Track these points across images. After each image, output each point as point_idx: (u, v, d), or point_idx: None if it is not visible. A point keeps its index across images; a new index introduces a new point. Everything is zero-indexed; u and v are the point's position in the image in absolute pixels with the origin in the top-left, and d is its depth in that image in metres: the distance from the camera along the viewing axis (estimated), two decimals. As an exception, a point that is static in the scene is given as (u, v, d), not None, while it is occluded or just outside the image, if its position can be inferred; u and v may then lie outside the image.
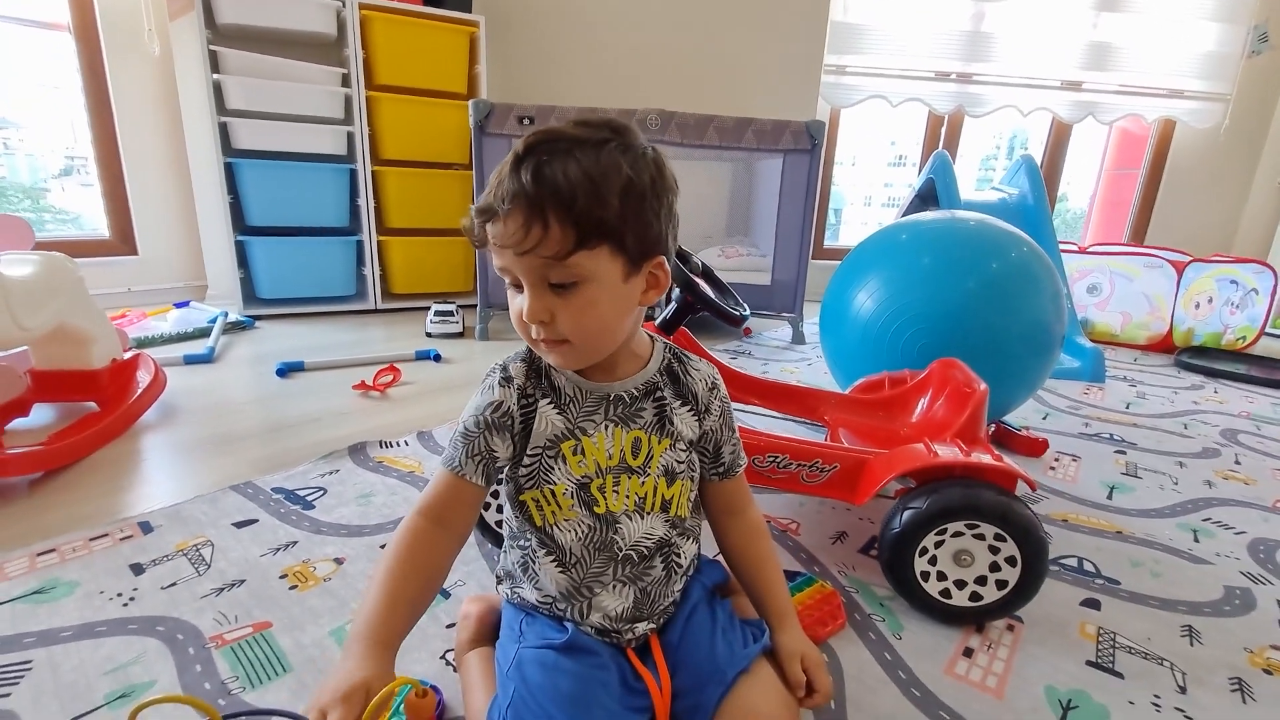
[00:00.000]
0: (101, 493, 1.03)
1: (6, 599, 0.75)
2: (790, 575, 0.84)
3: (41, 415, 1.31)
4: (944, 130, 3.23)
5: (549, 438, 0.57)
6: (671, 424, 0.59)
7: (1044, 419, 1.56)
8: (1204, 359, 2.20)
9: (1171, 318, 2.37)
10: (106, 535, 0.89)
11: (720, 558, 0.70)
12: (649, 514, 0.59)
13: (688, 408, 0.60)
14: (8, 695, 0.61)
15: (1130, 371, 2.11)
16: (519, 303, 0.52)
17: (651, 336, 0.62)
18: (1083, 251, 2.59)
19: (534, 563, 0.59)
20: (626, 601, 0.58)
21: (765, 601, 0.64)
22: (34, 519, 0.94)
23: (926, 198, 2.21)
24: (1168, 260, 2.41)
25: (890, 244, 1.32)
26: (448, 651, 0.69)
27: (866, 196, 4.06)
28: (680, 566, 0.61)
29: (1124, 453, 1.37)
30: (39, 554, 0.84)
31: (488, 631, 0.66)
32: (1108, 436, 1.46)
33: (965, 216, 1.29)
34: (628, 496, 0.58)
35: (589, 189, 0.47)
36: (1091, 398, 1.77)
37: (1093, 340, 2.26)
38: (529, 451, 0.57)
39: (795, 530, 0.97)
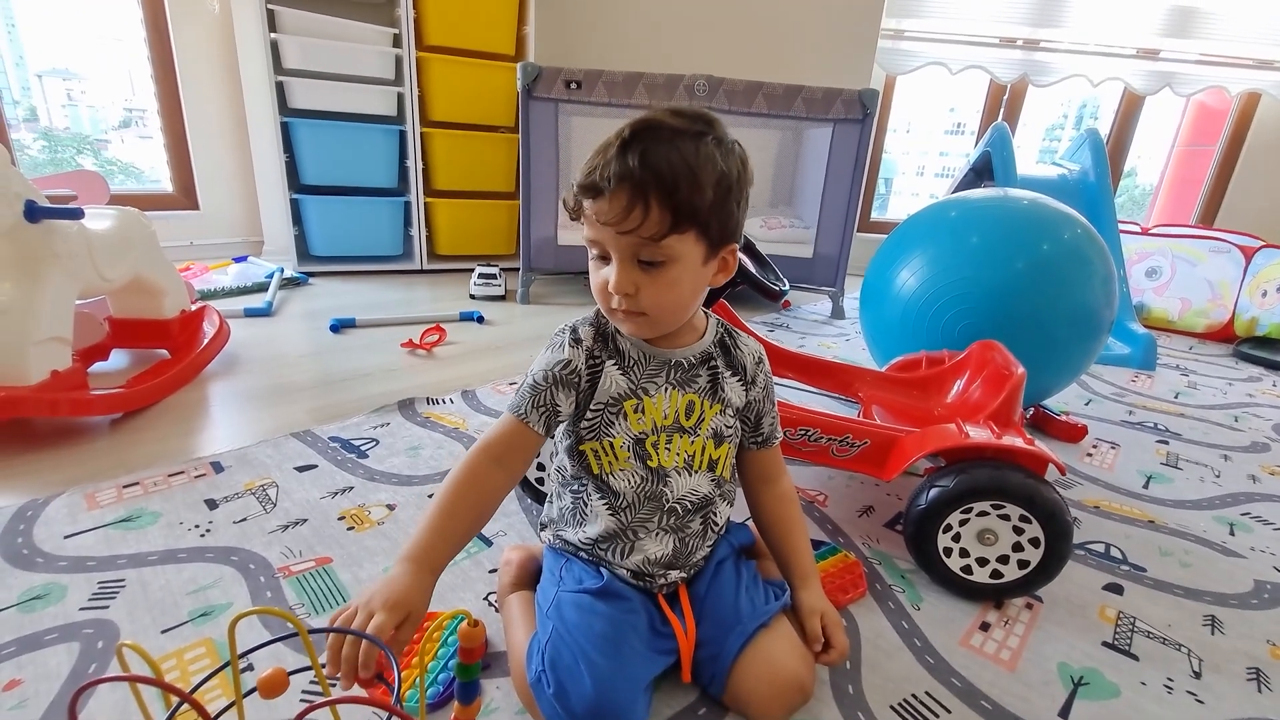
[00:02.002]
0: (176, 434, 1.11)
1: (100, 524, 0.84)
2: (815, 544, 0.87)
3: (117, 361, 1.41)
4: (1005, 100, 3.09)
5: (613, 395, 0.61)
6: (722, 390, 0.64)
7: (1086, 404, 1.54)
8: (1266, 350, 2.10)
9: (1235, 306, 2.27)
10: (183, 472, 0.97)
11: (750, 522, 0.74)
12: (696, 472, 0.64)
13: (737, 378, 0.65)
14: (107, 607, 0.69)
15: (1184, 360, 2.04)
16: (604, 274, 0.57)
17: (705, 312, 0.67)
18: (1145, 233, 2.49)
19: (586, 505, 0.64)
20: (666, 548, 0.63)
21: (790, 562, 0.68)
22: (117, 455, 1.03)
23: (981, 172, 2.15)
24: (1236, 245, 2.30)
25: (938, 221, 1.30)
26: (489, 594, 0.75)
27: (920, 166, 3.93)
28: (716, 525, 0.67)
29: (1166, 443, 1.34)
30: (124, 486, 0.93)
31: (527, 577, 0.71)
32: (1151, 425, 1.44)
33: (1018, 195, 1.26)
34: (679, 454, 0.63)
35: (689, 178, 0.52)
36: (1139, 385, 1.73)
37: (1147, 326, 2.18)
38: (592, 407, 0.62)
39: (823, 502, 1.00)
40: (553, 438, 0.65)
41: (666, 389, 0.62)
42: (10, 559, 0.76)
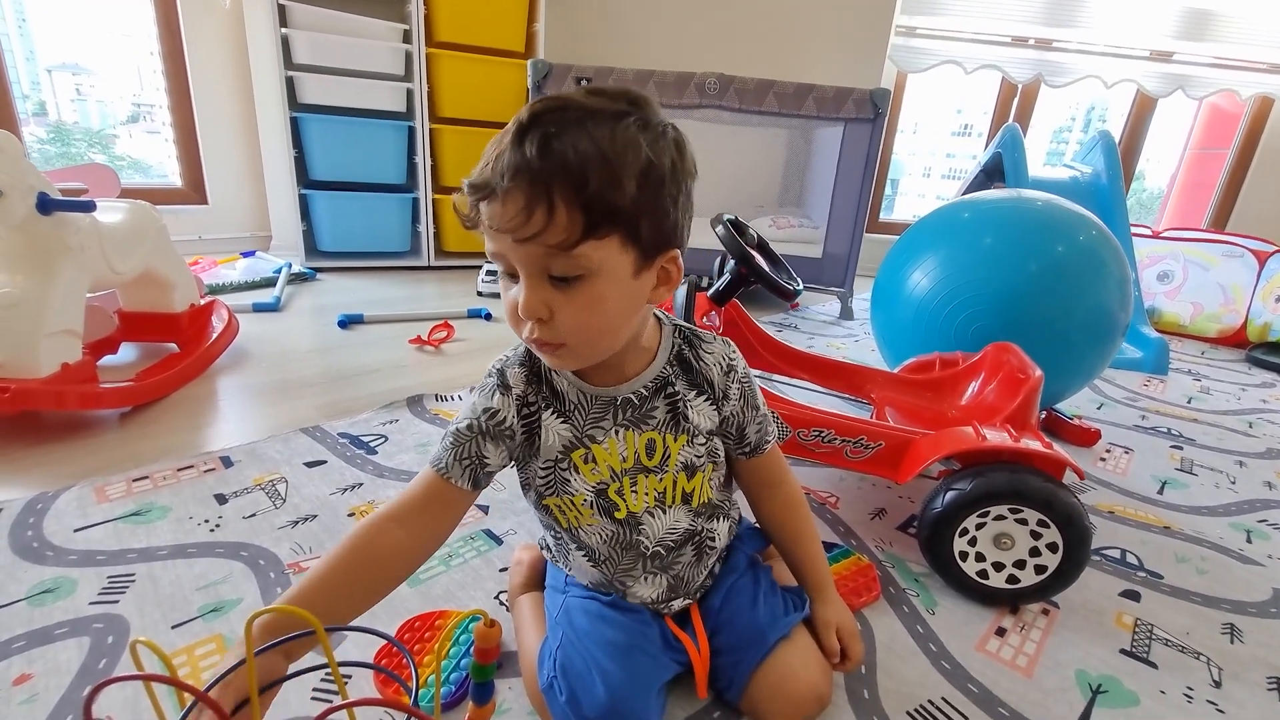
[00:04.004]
0: (185, 428, 1.11)
1: (110, 518, 0.83)
2: (828, 547, 0.86)
3: (126, 354, 1.41)
4: (1017, 100, 3.07)
5: (558, 451, 0.54)
6: (687, 419, 0.55)
7: (1099, 409, 1.53)
8: (1279, 356, 2.09)
9: (1248, 311, 2.25)
10: (192, 467, 0.97)
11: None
12: (671, 507, 0.57)
13: (704, 397, 0.56)
14: (117, 602, 0.69)
15: (1196, 365, 2.03)
16: (513, 295, 0.46)
17: (660, 319, 0.57)
18: (1156, 236, 2.47)
19: (569, 554, 0.61)
20: (660, 588, 0.60)
21: (804, 572, 0.65)
22: (126, 448, 1.03)
23: (992, 173, 2.14)
24: (1250, 249, 2.28)
25: (951, 222, 1.29)
26: (500, 593, 0.74)
27: (926, 168, 3.91)
28: (713, 547, 0.61)
29: (1180, 448, 1.33)
30: (134, 480, 0.92)
31: (538, 577, 0.70)
32: (1164, 430, 1.42)
33: (1032, 196, 1.25)
34: (647, 494, 0.56)
35: (604, 168, 0.42)
36: (1151, 390, 1.72)
37: (1158, 330, 2.17)
38: (542, 464, 0.55)
39: (834, 504, 0.99)
40: (482, 490, 0.55)
41: (617, 431, 0.54)
42: (20, 552, 0.76)
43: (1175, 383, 1.80)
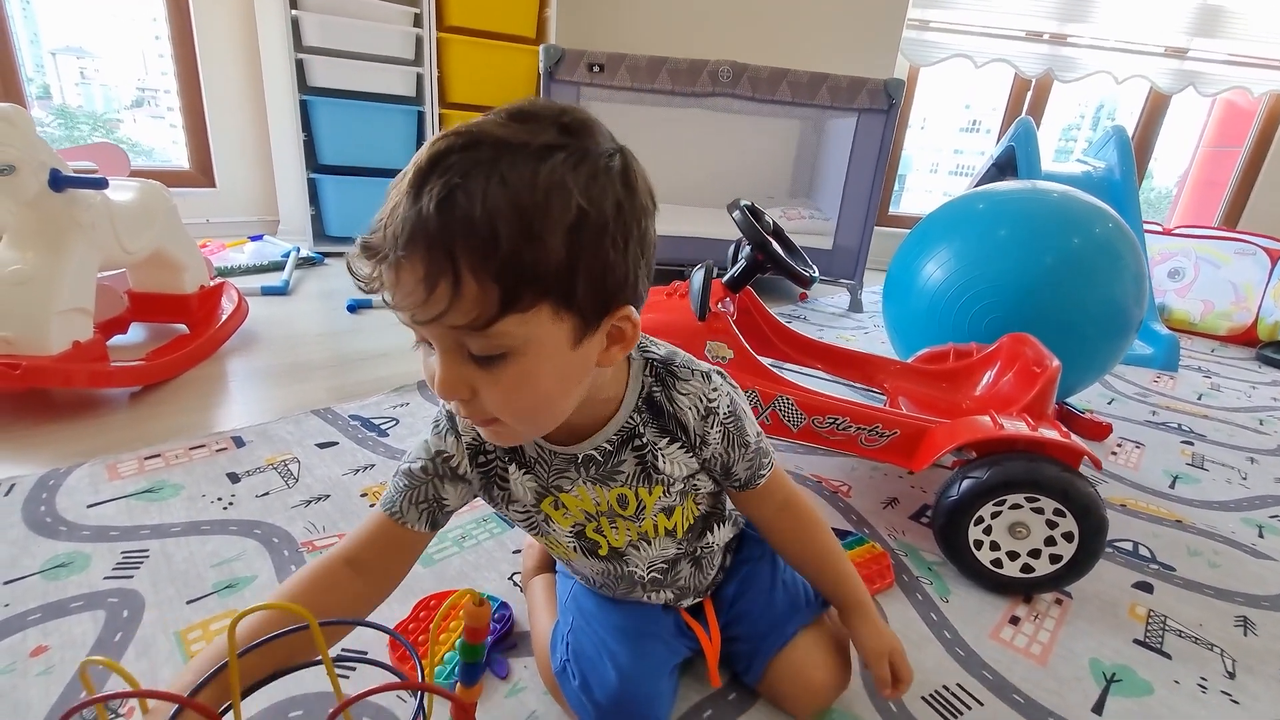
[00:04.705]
0: (195, 408, 1.11)
1: (122, 494, 0.83)
2: (841, 534, 0.86)
3: (136, 334, 1.41)
4: (1029, 96, 3.05)
5: (529, 502, 0.50)
6: (659, 471, 0.48)
7: (1109, 404, 1.52)
8: (1289, 354, 2.08)
9: (1259, 309, 2.24)
10: (204, 446, 0.97)
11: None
12: (656, 538, 0.53)
13: (677, 444, 0.48)
14: (131, 577, 0.69)
15: (1206, 362, 2.02)
16: (430, 365, 0.39)
17: (628, 356, 0.48)
18: (1167, 233, 2.45)
19: (570, 574, 0.61)
20: (665, 597, 0.58)
21: (838, 594, 0.57)
22: (137, 427, 1.03)
23: (1004, 167, 2.12)
24: (1263, 247, 2.26)
25: (966, 213, 1.28)
26: (514, 574, 0.74)
27: (933, 163, 3.89)
28: (710, 556, 0.58)
29: (1191, 444, 1.32)
30: (146, 458, 0.92)
31: (551, 559, 0.70)
32: (1175, 426, 1.42)
33: (1048, 187, 1.24)
34: (628, 532, 0.52)
35: (519, 225, 0.33)
36: (1161, 386, 1.71)
37: (1169, 327, 2.15)
38: (519, 511, 0.52)
39: (846, 493, 0.98)
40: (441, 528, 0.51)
41: (586, 483, 0.49)
42: (34, 526, 0.76)
43: (1185, 380, 1.79)
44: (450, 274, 0.33)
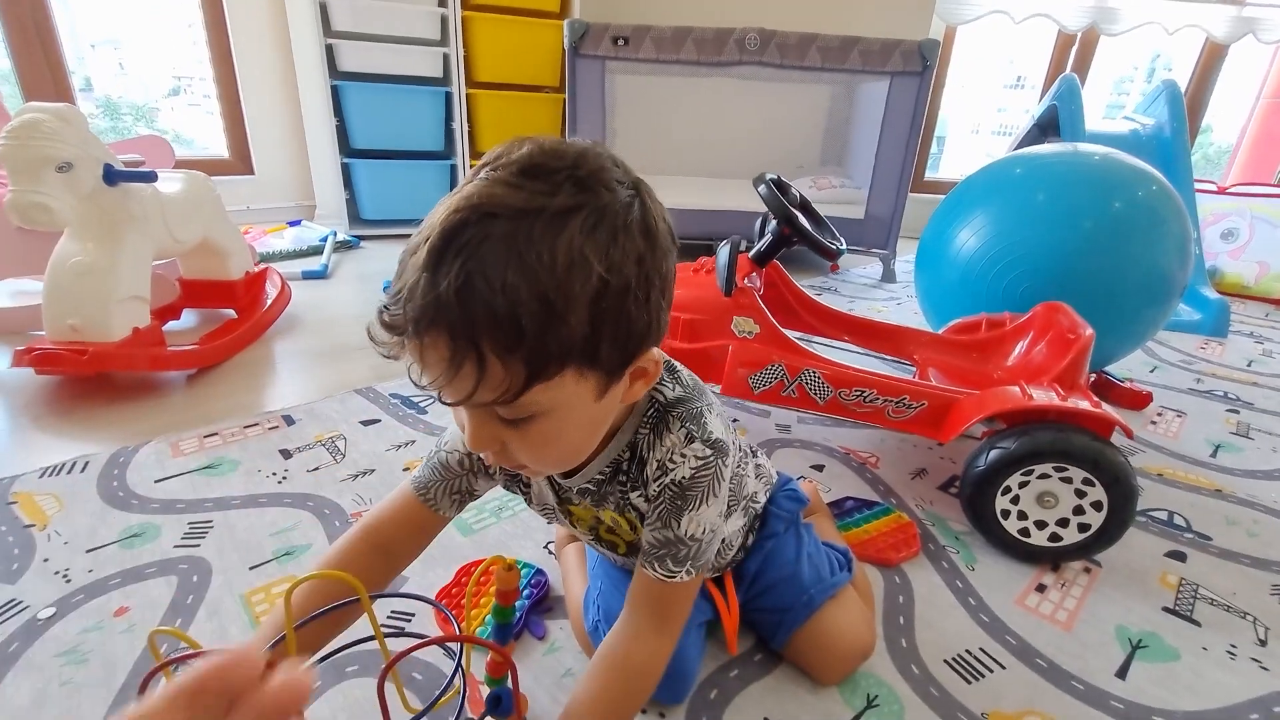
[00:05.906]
0: (247, 389, 1.17)
1: (185, 470, 0.89)
2: (868, 504, 0.87)
3: (188, 320, 1.48)
4: (1074, 51, 2.91)
5: (551, 503, 0.54)
6: (635, 509, 0.50)
7: (1151, 372, 1.48)
8: (1351, 317, 1.98)
9: (1319, 269, 2.13)
10: (257, 424, 1.02)
11: (801, 480, 0.74)
12: None
13: (637, 492, 0.48)
14: (198, 545, 0.75)
15: (1259, 327, 1.94)
16: (460, 418, 0.41)
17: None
18: (1222, 192, 2.34)
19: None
20: None
21: None
22: (196, 408, 1.09)
23: (1046, 127, 2.05)
24: (1324, 204, 2.14)
25: (1002, 178, 1.25)
26: (548, 543, 0.78)
27: (975, 125, 3.76)
28: (723, 543, 0.59)
29: (1237, 412, 1.29)
30: (205, 436, 0.99)
31: (583, 529, 0.73)
32: (1220, 394, 1.38)
33: (1089, 150, 1.20)
34: (634, 533, 0.53)
35: (541, 311, 0.33)
36: (1208, 353, 1.65)
37: (1219, 292, 2.07)
38: (540, 508, 0.55)
39: (875, 464, 0.99)
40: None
41: (586, 504, 0.52)
42: (108, 500, 0.82)
43: (1234, 345, 1.73)
44: (475, 357, 0.33)
